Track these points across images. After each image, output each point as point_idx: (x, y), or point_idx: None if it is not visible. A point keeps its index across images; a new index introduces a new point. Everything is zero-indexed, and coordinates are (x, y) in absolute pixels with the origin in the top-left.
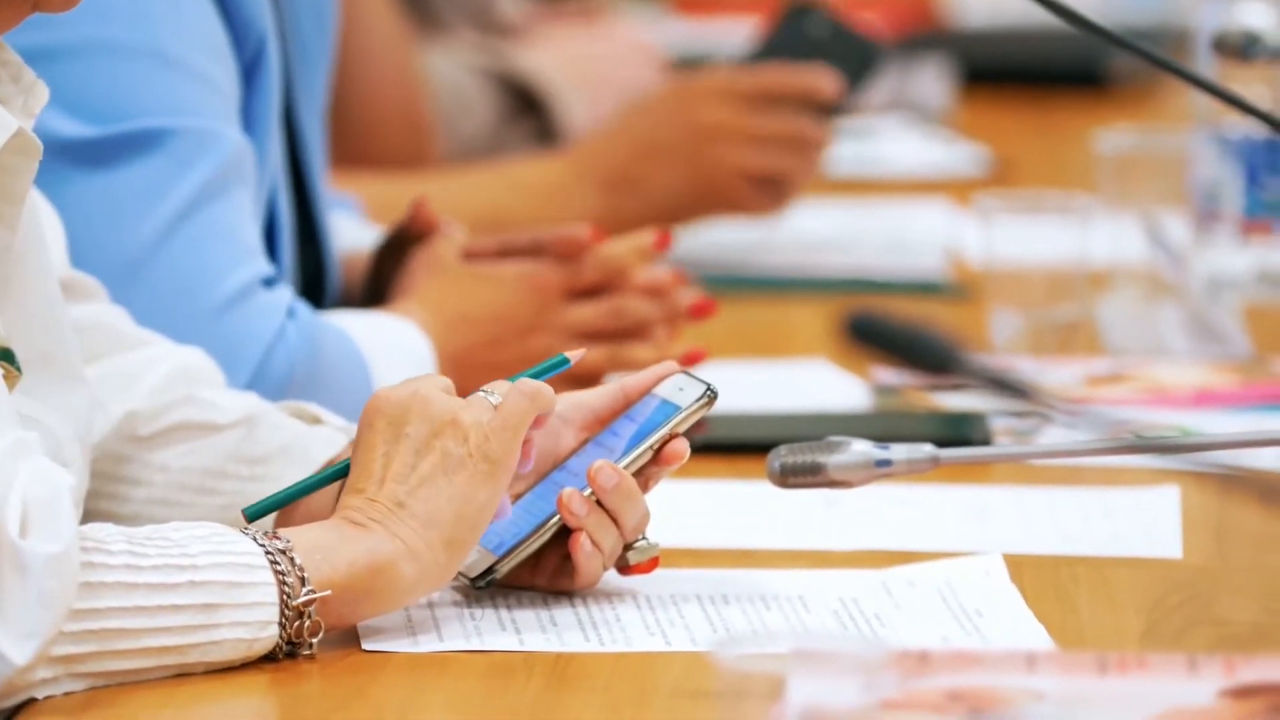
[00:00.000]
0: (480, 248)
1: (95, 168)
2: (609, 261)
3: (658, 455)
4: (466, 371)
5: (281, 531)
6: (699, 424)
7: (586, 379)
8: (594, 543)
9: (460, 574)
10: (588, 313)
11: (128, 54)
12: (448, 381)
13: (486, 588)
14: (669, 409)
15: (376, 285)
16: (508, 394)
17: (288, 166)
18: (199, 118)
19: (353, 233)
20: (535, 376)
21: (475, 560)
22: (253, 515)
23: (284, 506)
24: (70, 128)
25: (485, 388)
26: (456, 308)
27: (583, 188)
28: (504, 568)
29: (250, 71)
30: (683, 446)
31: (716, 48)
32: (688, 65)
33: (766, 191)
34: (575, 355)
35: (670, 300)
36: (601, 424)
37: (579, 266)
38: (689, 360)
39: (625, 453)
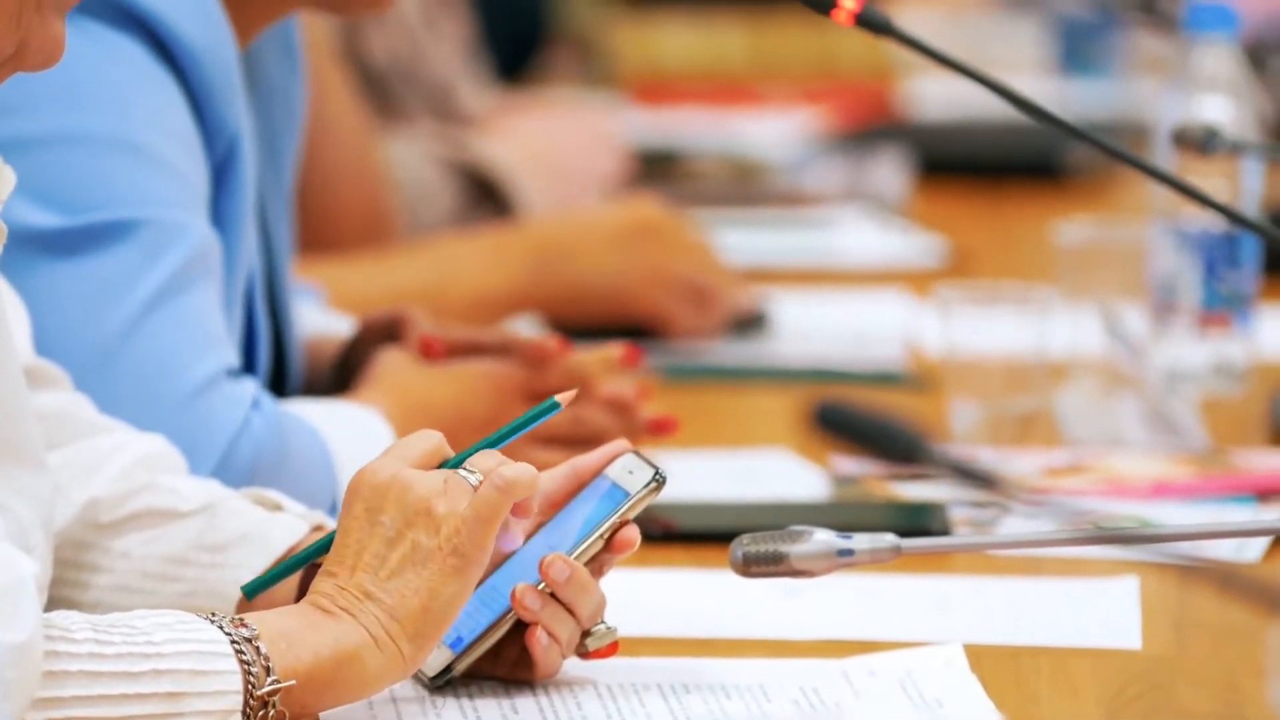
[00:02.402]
0: (451, 340)
1: (64, 257)
2: (574, 370)
3: (609, 543)
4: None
5: (248, 618)
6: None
7: None
8: (551, 635)
9: (419, 673)
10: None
11: (98, 144)
12: (438, 437)
13: (445, 686)
14: (618, 495)
15: (345, 369)
16: (482, 486)
17: (262, 261)
18: (168, 209)
19: (316, 320)
20: (524, 424)
21: (432, 659)
22: (251, 591)
23: (284, 578)
24: (39, 217)
25: (467, 465)
26: (419, 398)
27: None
28: (461, 665)
29: (221, 170)
30: (634, 534)
31: (676, 138)
32: (656, 160)
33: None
34: (565, 397)
35: (631, 415)
36: (555, 507)
37: (544, 372)
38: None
39: (576, 542)
